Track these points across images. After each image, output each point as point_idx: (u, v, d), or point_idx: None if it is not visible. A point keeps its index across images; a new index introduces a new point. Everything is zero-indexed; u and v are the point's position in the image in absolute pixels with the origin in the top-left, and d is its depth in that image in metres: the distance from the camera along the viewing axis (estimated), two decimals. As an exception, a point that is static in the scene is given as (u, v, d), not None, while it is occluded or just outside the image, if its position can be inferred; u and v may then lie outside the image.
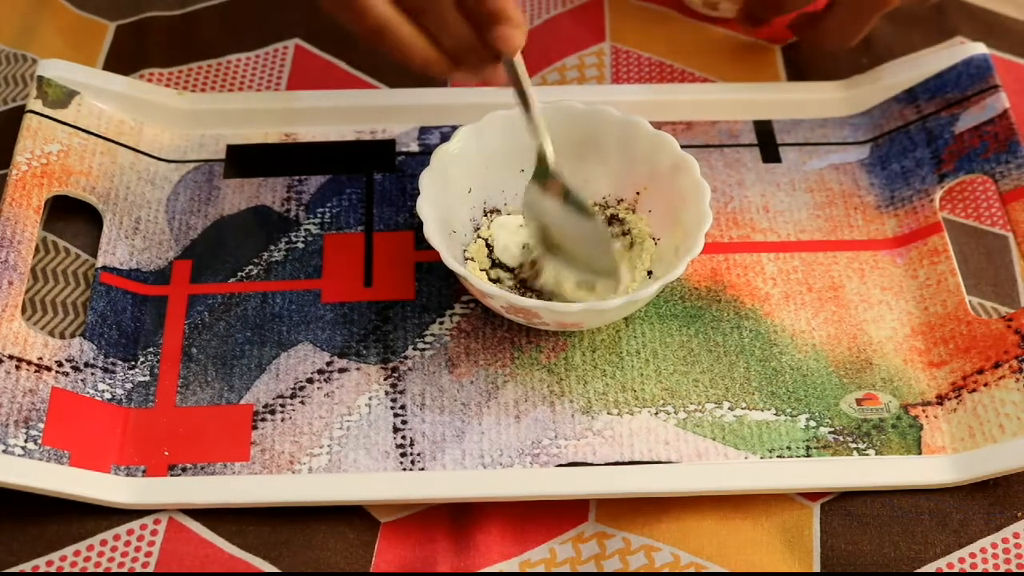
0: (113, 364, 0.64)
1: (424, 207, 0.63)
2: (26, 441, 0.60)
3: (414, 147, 0.74)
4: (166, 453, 0.62)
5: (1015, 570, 0.59)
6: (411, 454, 0.62)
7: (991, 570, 0.59)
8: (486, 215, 0.69)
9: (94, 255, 0.69)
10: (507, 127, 0.67)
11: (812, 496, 0.62)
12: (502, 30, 0.59)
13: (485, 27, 0.59)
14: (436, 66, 0.61)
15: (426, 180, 0.65)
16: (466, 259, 0.67)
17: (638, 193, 0.69)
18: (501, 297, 0.61)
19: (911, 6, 0.74)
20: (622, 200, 0.69)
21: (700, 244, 0.62)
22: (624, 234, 0.68)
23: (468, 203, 0.68)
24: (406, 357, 0.65)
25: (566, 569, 0.59)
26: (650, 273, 0.67)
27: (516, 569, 0.59)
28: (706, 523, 0.61)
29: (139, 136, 0.74)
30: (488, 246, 0.68)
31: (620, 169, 0.68)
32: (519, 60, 0.61)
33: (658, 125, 0.67)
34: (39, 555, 0.59)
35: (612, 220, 0.69)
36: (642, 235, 0.68)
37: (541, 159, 0.64)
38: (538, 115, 0.63)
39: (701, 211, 0.64)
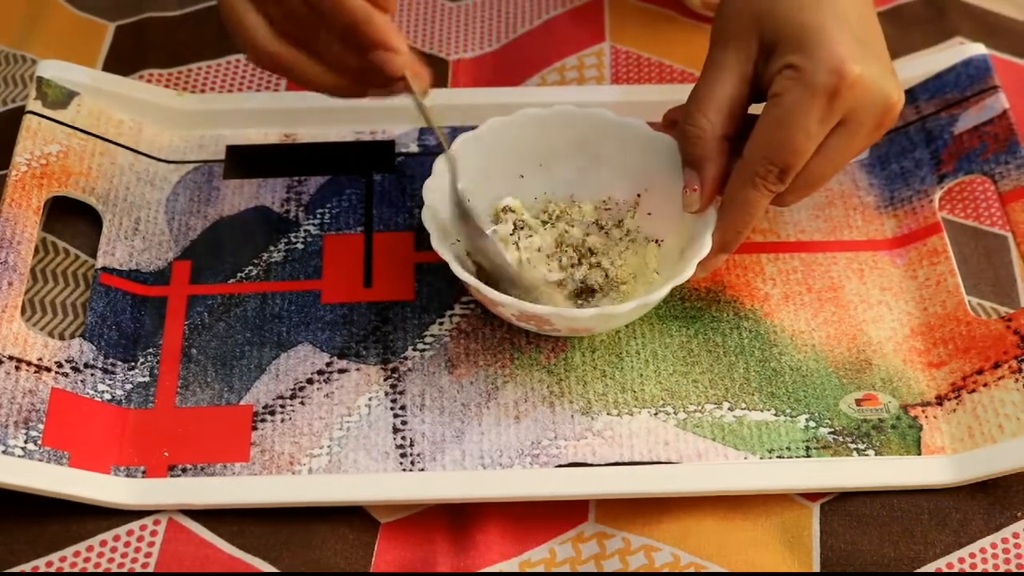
0: (113, 365, 0.64)
1: (429, 219, 0.63)
2: (26, 442, 0.60)
3: (414, 148, 0.74)
4: (166, 454, 0.62)
5: (1015, 570, 0.59)
6: (411, 455, 0.62)
7: (991, 570, 0.59)
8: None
9: (94, 256, 0.69)
10: (506, 133, 0.67)
11: (812, 496, 0.62)
12: (381, 55, 0.59)
13: (366, 52, 0.60)
14: (346, 91, 0.62)
15: (428, 190, 0.65)
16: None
17: (639, 195, 0.69)
18: (512, 306, 0.61)
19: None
20: (623, 202, 0.69)
21: (708, 244, 0.62)
22: (626, 236, 0.68)
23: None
24: (406, 358, 0.65)
25: (566, 569, 0.60)
26: (655, 274, 0.67)
27: (516, 569, 0.59)
28: (706, 523, 0.61)
29: (138, 137, 0.74)
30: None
31: (620, 171, 0.68)
32: (414, 83, 0.61)
33: (658, 126, 0.67)
34: (39, 555, 0.59)
35: (613, 222, 0.69)
36: (645, 237, 0.68)
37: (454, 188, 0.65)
38: (445, 139, 0.64)
39: (705, 211, 0.64)
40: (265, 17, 0.60)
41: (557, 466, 0.62)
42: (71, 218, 0.71)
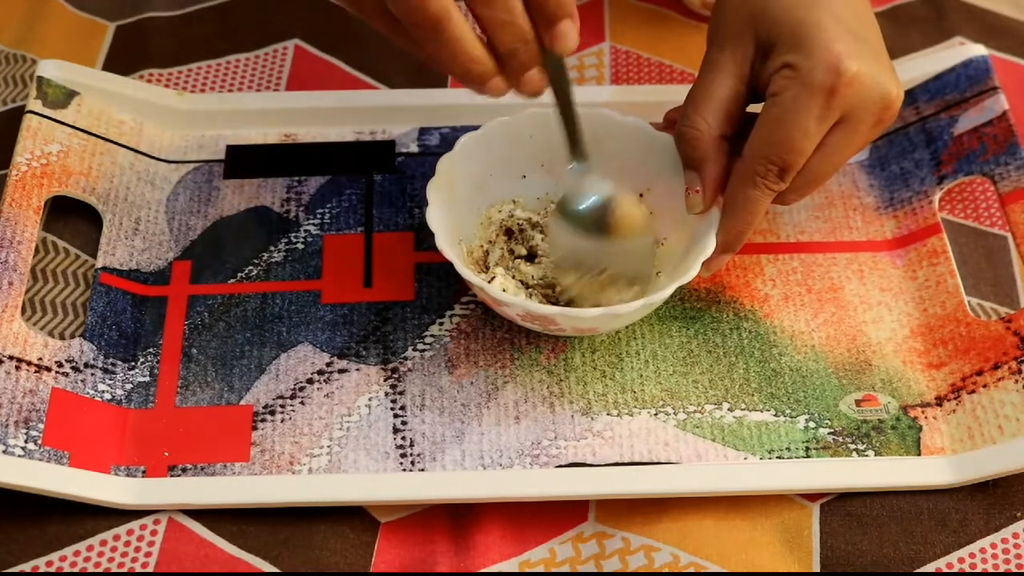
0: (113, 365, 0.64)
1: (433, 218, 0.63)
2: (26, 441, 0.60)
3: (414, 148, 0.74)
4: (166, 454, 0.62)
5: (1014, 570, 0.59)
6: (411, 455, 0.62)
7: (990, 570, 0.60)
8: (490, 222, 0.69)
9: (94, 256, 0.69)
10: (509, 134, 0.67)
11: (812, 496, 0.62)
12: (562, 27, 0.56)
13: (543, 23, 0.56)
14: (479, 67, 0.57)
15: (433, 190, 0.64)
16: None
17: (641, 195, 0.69)
18: (517, 306, 0.61)
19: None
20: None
21: (712, 244, 0.62)
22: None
23: (472, 211, 0.68)
24: (406, 358, 0.65)
25: (566, 569, 0.60)
26: (657, 274, 0.67)
27: (516, 569, 0.60)
28: (706, 523, 0.61)
29: (139, 136, 0.74)
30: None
31: (622, 171, 0.68)
32: (566, 65, 0.58)
33: (658, 126, 0.67)
34: (39, 555, 0.59)
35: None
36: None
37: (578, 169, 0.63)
38: (578, 121, 0.61)
39: (708, 211, 0.64)
40: None
41: (557, 466, 0.62)
42: (71, 218, 0.71)
